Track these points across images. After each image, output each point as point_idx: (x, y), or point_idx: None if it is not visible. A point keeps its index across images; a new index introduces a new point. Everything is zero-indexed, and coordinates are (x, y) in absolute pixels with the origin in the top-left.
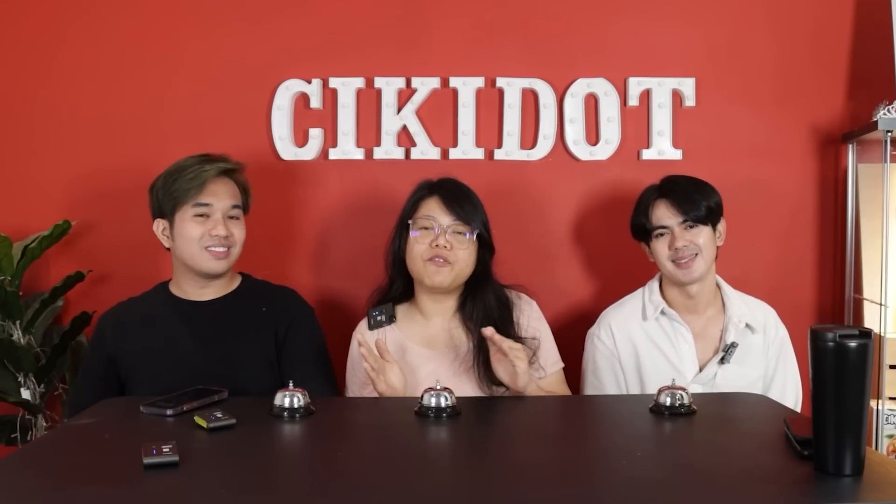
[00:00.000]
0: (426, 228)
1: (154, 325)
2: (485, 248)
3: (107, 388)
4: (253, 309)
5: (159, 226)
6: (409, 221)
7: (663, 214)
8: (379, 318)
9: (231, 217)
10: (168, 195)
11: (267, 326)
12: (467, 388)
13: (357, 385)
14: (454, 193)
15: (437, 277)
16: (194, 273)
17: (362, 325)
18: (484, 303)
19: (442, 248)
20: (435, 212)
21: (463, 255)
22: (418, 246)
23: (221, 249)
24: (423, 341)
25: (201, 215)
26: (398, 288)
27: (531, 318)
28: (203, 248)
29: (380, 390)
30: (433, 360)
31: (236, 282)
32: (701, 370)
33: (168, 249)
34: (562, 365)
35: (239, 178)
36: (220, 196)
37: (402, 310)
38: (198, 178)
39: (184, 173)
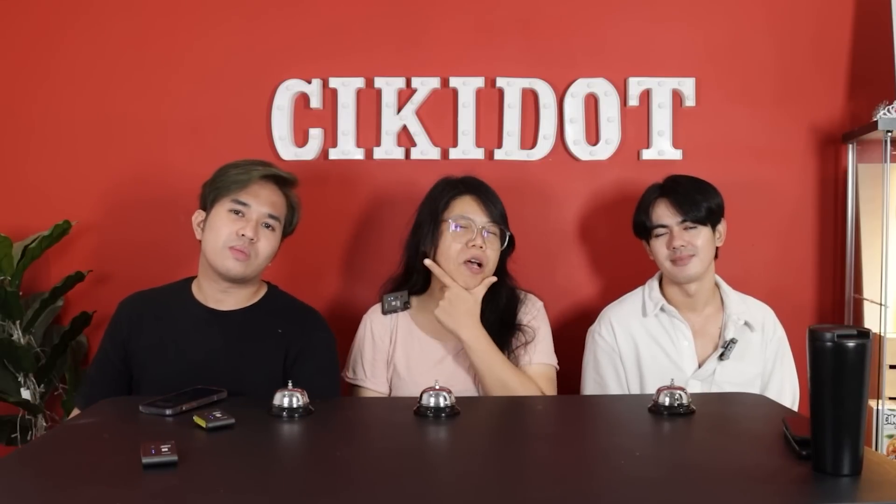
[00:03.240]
0: (463, 227)
1: (168, 327)
2: (507, 246)
3: (121, 377)
4: (269, 328)
5: (198, 217)
6: (449, 219)
7: (663, 213)
8: (394, 303)
9: (265, 225)
10: (213, 186)
11: (279, 347)
12: (460, 384)
13: (367, 366)
14: (488, 193)
15: (471, 281)
16: (215, 274)
17: (375, 309)
18: (497, 303)
19: (478, 249)
20: (471, 211)
21: (493, 256)
22: (455, 245)
23: (242, 251)
24: (432, 331)
25: (237, 212)
26: (417, 282)
27: (533, 314)
28: (226, 247)
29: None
30: (437, 352)
31: (260, 294)
32: (700, 367)
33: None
34: (555, 364)
35: (289, 193)
36: (261, 200)
37: (415, 300)
38: (245, 174)
39: (234, 169)
